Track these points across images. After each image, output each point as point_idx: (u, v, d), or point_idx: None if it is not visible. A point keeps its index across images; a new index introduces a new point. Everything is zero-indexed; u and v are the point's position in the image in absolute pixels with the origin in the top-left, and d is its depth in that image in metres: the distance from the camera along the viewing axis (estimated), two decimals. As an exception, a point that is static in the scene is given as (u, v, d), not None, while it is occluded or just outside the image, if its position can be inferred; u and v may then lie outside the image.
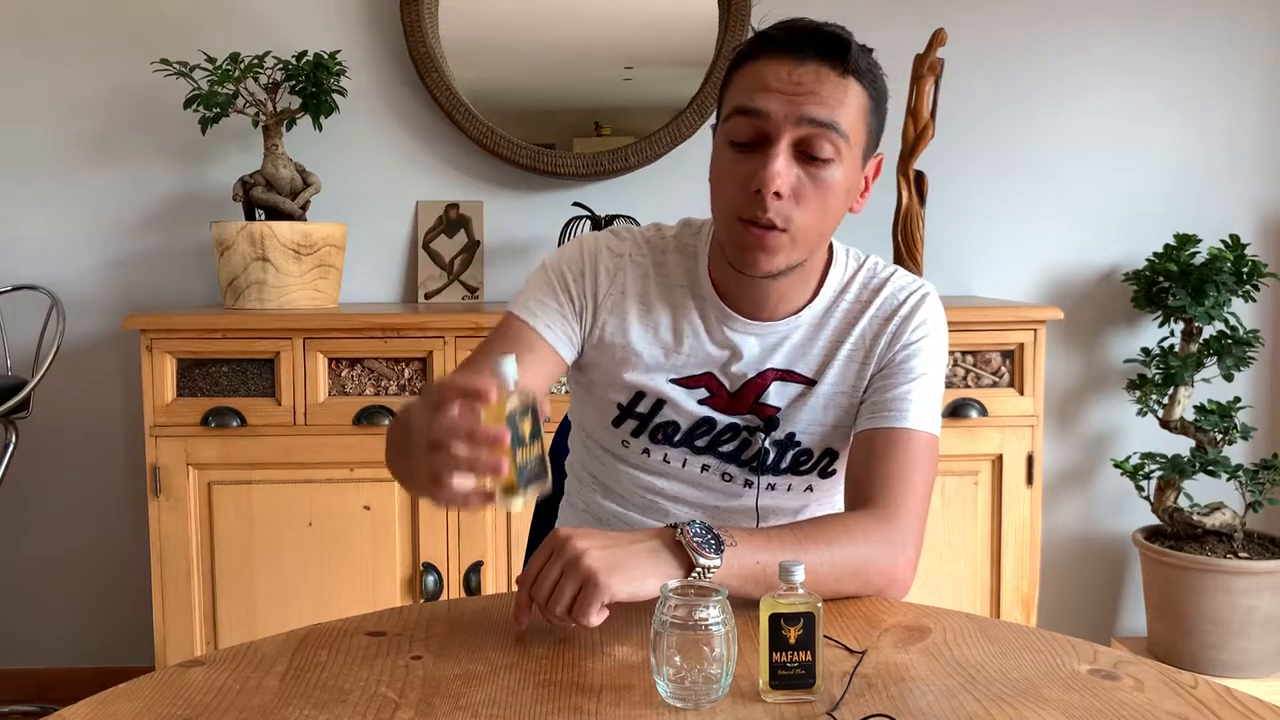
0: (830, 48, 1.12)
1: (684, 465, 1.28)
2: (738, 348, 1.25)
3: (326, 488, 2.21)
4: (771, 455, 1.27)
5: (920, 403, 1.22)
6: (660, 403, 1.26)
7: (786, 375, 1.26)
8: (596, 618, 0.95)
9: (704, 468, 1.28)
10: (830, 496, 1.33)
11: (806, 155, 1.13)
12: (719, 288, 1.25)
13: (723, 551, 1.00)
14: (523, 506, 0.91)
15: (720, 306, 1.25)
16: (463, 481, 0.90)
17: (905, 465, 1.18)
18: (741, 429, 1.27)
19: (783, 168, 1.12)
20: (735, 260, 1.19)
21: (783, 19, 1.17)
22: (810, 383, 1.26)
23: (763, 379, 1.25)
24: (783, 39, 1.13)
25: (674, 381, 1.26)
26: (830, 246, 1.28)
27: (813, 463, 1.28)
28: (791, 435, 1.26)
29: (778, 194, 1.12)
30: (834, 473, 1.30)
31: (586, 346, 1.28)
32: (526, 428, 0.88)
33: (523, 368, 1.20)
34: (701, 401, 1.26)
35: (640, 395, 1.27)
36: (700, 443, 1.27)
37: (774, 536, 1.06)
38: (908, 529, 1.14)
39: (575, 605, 0.95)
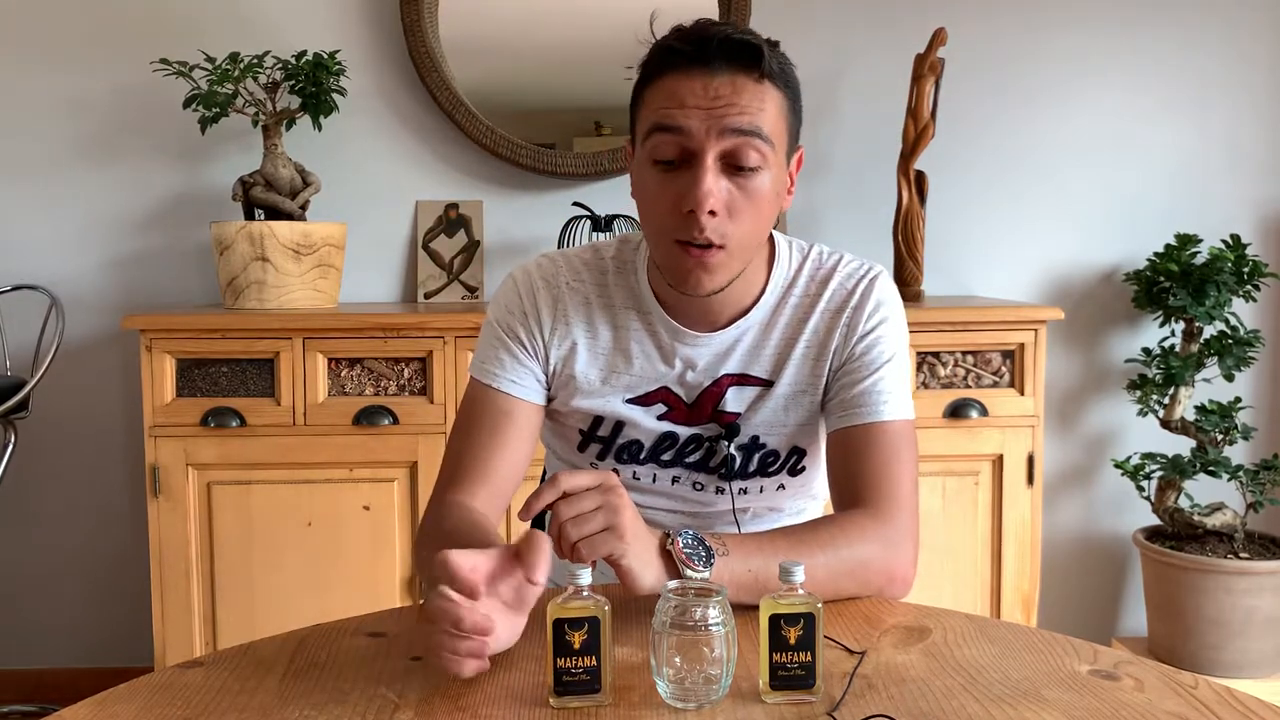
0: (742, 55, 1.09)
1: (654, 480, 1.28)
2: (690, 359, 1.24)
3: (326, 488, 2.21)
4: (738, 460, 1.26)
5: (890, 390, 1.21)
6: (620, 424, 1.26)
7: (742, 379, 1.24)
8: (590, 559, 0.95)
9: (675, 479, 1.28)
10: (806, 490, 1.33)
11: (734, 166, 1.11)
12: (663, 302, 1.24)
13: (712, 563, 1.00)
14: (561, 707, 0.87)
15: (668, 321, 1.24)
16: (450, 659, 0.88)
17: (888, 459, 1.18)
18: (705, 439, 1.26)
19: (712, 184, 1.09)
20: (675, 283, 1.17)
21: (683, 25, 1.13)
22: (767, 384, 1.25)
23: (719, 386, 1.24)
24: (691, 52, 1.10)
25: (630, 401, 1.25)
26: (771, 240, 1.27)
27: (780, 463, 1.28)
28: (755, 438, 1.26)
29: (712, 212, 1.10)
30: (803, 469, 1.29)
31: (551, 383, 1.27)
32: (577, 639, 0.86)
33: (510, 440, 1.22)
34: (660, 417, 1.25)
35: (599, 420, 1.26)
36: (666, 457, 1.27)
37: (767, 543, 1.06)
38: (902, 525, 1.14)
39: (588, 540, 0.95)
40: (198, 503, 2.20)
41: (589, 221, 2.48)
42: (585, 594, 0.87)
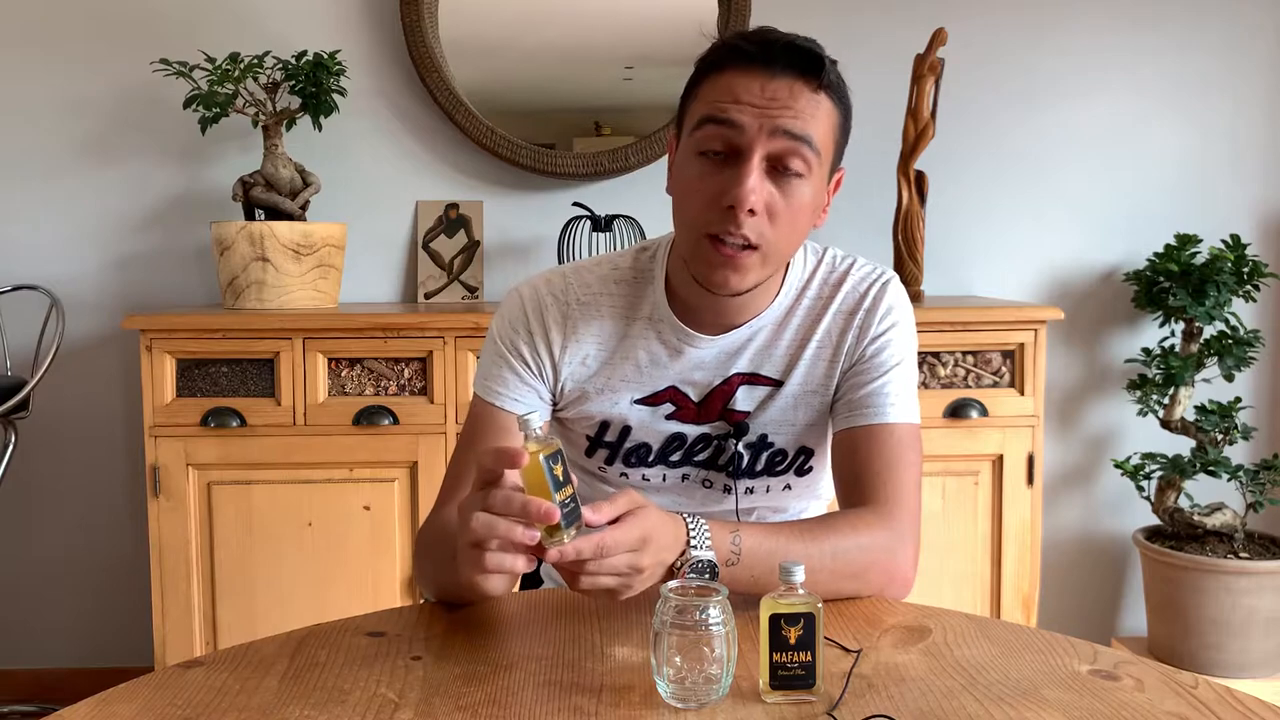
0: (803, 62, 1.10)
1: (664, 480, 1.29)
2: (701, 361, 1.24)
3: (326, 488, 2.21)
4: (745, 459, 1.27)
5: (897, 394, 1.21)
6: (627, 429, 1.26)
7: (753, 378, 1.25)
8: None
9: (684, 477, 1.29)
10: (812, 490, 1.33)
11: (778, 170, 1.11)
12: (681, 305, 1.23)
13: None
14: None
15: (681, 329, 1.23)
16: (502, 560, 0.94)
17: (893, 461, 1.18)
18: (713, 437, 1.26)
19: (756, 183, 1.09)
20: (703, 279, 1.16)
21: (745, 30, 1.15)
22: (777, 384, 1.25)
23: (729, 385, 1.24)
24: (754, 52, 1.10)
25: (638, 402, 1.25)
26: None
27: (788, 463, 1.28)
28: (764, 437, 1.26)
29: (751, 211, 1.09)
30: (810, 470, 1.29)
31: (557, 397, 1.27)
32: (559, 471, 0.93)
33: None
34: (669, 417, 1.25)
35: (605, 425, 1.26)
36: (674, 457, 1.27)
37: (781, 545, 1.06)
38: (904, 525, 1.15)
39: (597, 588, 0.95)
40: (198, 503, 2.20)
41: (589, 222, 2.48)
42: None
